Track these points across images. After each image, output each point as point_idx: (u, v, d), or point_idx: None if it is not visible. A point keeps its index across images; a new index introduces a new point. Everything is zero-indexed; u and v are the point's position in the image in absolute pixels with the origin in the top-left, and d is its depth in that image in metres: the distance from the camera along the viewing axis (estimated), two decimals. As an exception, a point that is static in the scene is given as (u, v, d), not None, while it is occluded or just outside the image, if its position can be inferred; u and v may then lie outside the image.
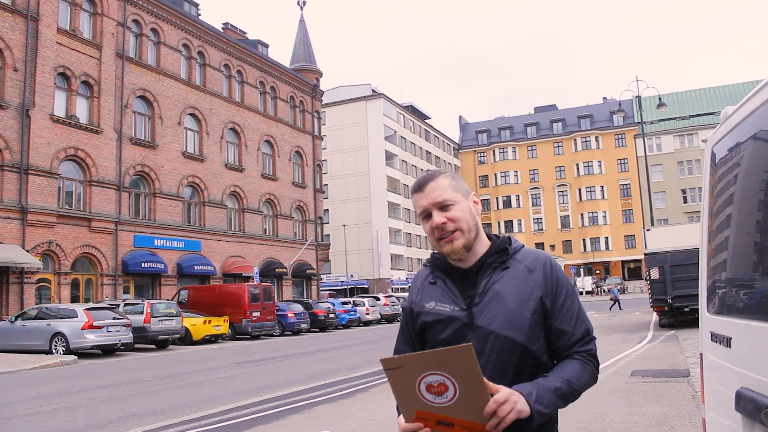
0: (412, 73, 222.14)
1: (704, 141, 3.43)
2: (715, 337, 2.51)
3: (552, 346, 1.95)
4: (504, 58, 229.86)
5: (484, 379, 1.66)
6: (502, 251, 1.98)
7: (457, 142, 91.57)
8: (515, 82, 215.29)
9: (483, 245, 1.99)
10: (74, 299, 28.17)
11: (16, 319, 21.25)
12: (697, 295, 2.97)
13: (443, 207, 1.93)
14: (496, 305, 1.90)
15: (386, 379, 1.68)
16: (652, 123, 41.75)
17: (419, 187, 1.98)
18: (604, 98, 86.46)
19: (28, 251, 25.87)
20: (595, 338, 1.98)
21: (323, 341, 25.58)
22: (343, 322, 35.37)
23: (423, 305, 2.01)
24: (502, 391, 1.70)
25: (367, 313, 37.85)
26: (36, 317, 20.88)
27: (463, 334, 1.90)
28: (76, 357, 19.04)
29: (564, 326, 1.93)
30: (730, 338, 2.30)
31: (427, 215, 1.96)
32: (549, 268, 1.96)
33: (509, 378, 1.84)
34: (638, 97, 32.26)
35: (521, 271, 1.95)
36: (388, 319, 39.84)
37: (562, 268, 2.02)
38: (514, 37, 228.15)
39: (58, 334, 19.80)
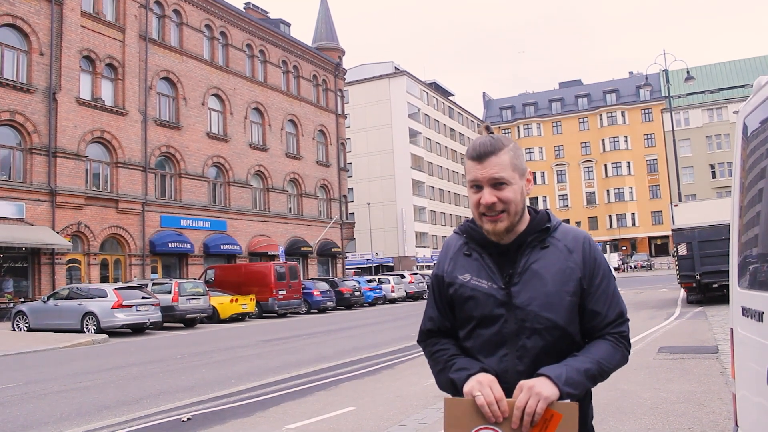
0: (435, 50, 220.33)
1: (735, 113, 3.36)
2: (746, 312, 2.48)
3: (585, 327, 1.91)
4: (527, 35, 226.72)
5: None
6: (543, 230, 1.93)
7: (481, 119, 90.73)
8: (540, 59, 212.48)
9: (523, 222, 1.93)
10: (103, 279, 28.69)
11: (48, 299, 21.68)
12: (726, 271, 2.93)
13: (497, 185, 1.85)
14: (536, 285, 1.86)
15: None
16: (679, 97, 40.98)
17: (478, 158, 1.86)
18: (631, 72, 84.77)
19: (58, 233, 26.36)
20: (628, 320, 1.95)
21: (349, 319, 25.76)
22: (369, 300, 35.54)
23: (456, 276, 1.95)
24: (520, 396, 1.71)
25: (393, 291, 38.01)
26: (67, 297, 21.27)
27: (499, 313, 1.87)
28: (107, 336, 19.42)
29: (598, 307, 1.89)
30: (762, 313, 2.26)
31: (477, 185, 1.88)
32: (588, 249, 1.92)
33: (545, 359, 1.82)
34: (665, 70, 31.60)
35: (561, 250, 1.90)
36: (413, 296, 40.03)
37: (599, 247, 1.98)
38: (536, 12, 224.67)
39: (89, 314, 20.17)
